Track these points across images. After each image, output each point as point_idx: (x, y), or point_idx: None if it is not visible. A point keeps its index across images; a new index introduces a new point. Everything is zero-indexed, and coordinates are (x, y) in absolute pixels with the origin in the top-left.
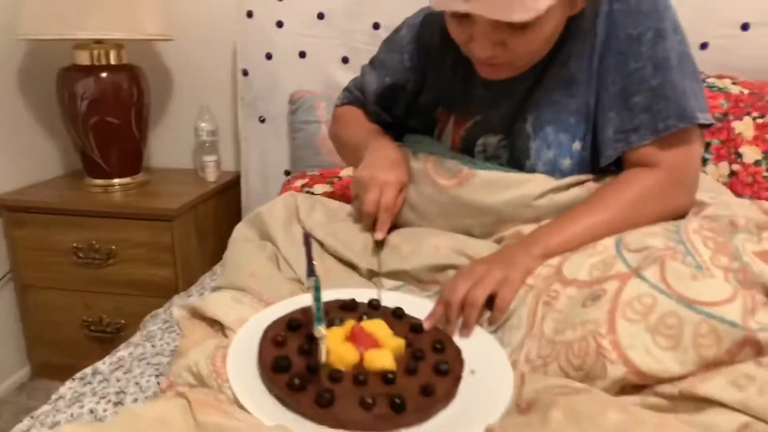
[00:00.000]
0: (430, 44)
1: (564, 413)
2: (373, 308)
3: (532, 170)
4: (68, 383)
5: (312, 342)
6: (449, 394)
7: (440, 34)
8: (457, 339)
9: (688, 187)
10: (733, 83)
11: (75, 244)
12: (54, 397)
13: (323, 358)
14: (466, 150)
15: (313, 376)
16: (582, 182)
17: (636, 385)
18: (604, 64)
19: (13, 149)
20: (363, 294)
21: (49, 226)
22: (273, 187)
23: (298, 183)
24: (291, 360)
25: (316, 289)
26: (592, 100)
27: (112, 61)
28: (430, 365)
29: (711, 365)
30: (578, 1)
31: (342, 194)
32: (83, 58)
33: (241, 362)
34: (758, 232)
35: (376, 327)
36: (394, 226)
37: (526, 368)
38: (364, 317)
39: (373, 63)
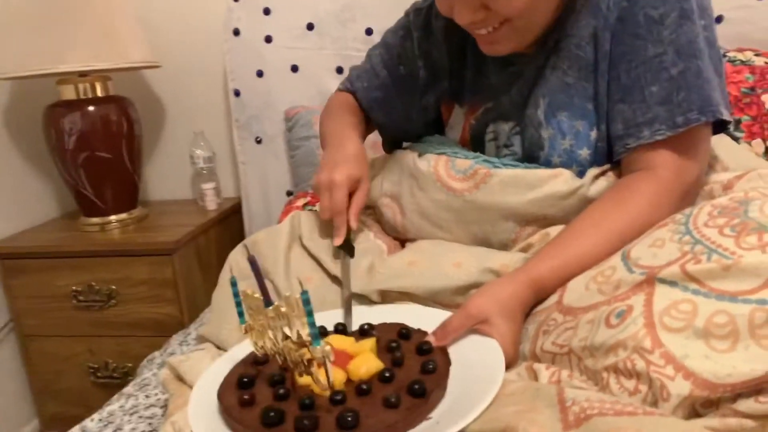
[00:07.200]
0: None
1: None
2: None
3: (548, 162)
4: None
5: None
6: (447, 363)
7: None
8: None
9: (692, 195)
10: (756, 55)
11: (74, 288)
12: None
13: (331, 378)
14: (476, 138)
15: (311, 410)
16: (604, 172)
17: (706, 403)
18: (617, 48)
19: (4, 194)
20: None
21: (46, 271)
22: (275, 209)
23: (300, 203)
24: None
25: (306, 302)
26: (603, 87)
27: (99, 94)
28: (411, 350)
29: None
30: None
31: None
32: (68, 93)
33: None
34: None
35: (337, 341)
36: (405, 241)
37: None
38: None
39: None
